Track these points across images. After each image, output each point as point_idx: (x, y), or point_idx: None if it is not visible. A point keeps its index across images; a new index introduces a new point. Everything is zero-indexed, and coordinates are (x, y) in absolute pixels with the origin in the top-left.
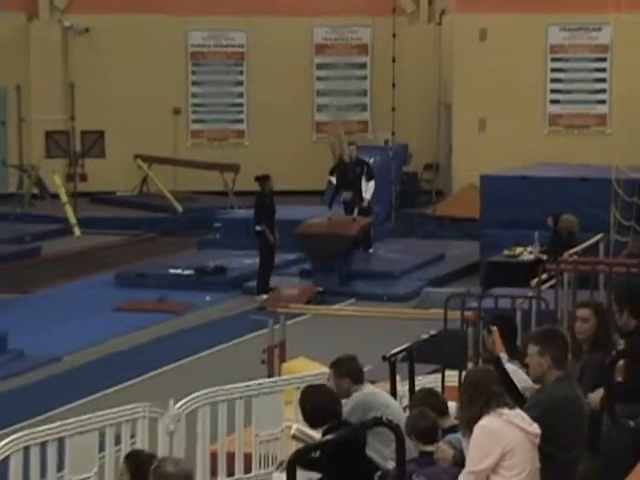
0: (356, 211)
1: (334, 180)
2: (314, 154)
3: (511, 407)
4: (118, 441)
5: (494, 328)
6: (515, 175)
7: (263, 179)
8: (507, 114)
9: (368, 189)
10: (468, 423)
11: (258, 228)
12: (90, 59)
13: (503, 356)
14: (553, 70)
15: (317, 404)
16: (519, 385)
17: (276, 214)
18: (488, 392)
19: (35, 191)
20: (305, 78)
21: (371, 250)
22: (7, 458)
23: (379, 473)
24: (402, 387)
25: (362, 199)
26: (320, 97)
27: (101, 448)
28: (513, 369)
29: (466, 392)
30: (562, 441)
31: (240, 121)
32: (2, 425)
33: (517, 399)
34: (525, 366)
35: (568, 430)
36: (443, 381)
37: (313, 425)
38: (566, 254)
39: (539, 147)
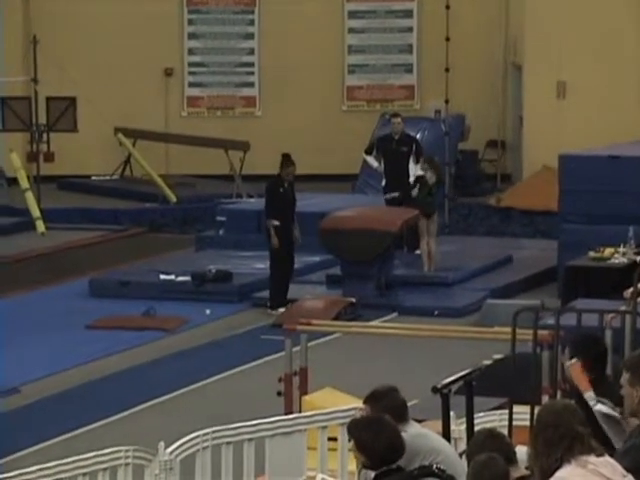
0: (416, 190)
1: (372, 161)
2: (344, 128)
3: (599, 454)
4: None
5: (573, 361)
6: (603, 155)
7: (287, 160)
8: (593, 76)
9: (418, 173)
10: (543, 474)
11: (275, 223)
12: (58, 5)
13: (589, 396)
14: None
15: (390, 438)
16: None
17: (296, 205)
18: (571, 434)
19: None
20: (333, 30)
21: (418, 251)
22: None
23: None
24: (457, 427)
25: (410, 186)
26: (352, 55)
27: None
28: (604, 411)
29: (541, 434)
30: None
31: (250, 85)
32: None
33: (605, 444)
34: (618, 404)
35: None
36: (510, 419)
37: (380, 464)
38: None
39: (634, 119)
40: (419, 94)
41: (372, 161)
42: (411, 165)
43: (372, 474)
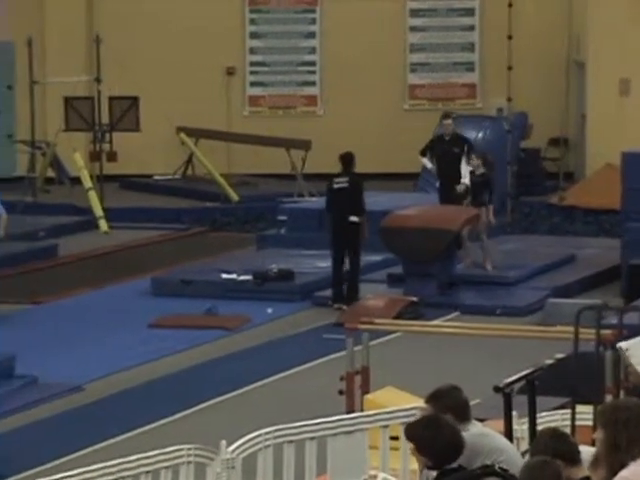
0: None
1: (426, 162)
2: (406, 126)
3: None
4: None
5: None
6: None
7: (351, 159)
8: None
9: (468, 174)
10: (612, 472)
11: (354, 219)
12: (121, 5)
13: None
14: None
15: (449, 436)
16: None
17: None
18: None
19: (51, 174)
20: (395, 29)
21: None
22: None
23: None
24: (520, 426)
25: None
26: (414, 53)
27: None
28: None
29: (607, 431)
30: None
31: (311, 84)
32: (7, 473)
33: None
34: None
35: None
36: (573, 419)
37: (441, 464)
38: None
39: None
40: (481, 92)
41: (426, 162)
42: (463, 165)
43: (433, 474)
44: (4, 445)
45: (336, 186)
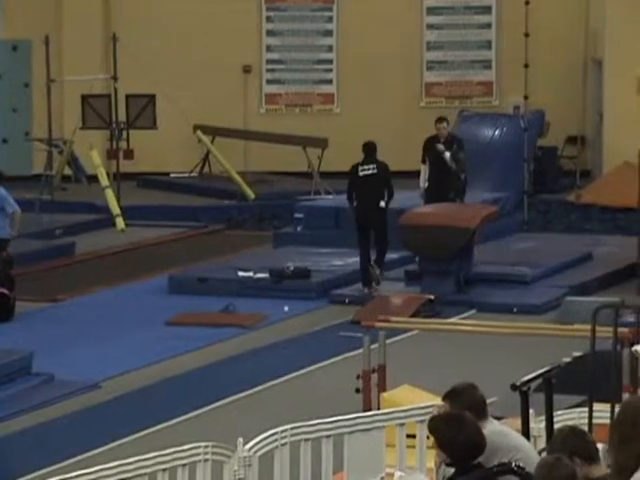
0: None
1: (421, 179)
2: (422, 124)
3: None
4: None
5: None
6: None
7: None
8: None
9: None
10: (620, 472)
11: (383, 204)
12: (138, 3)
13: None
14: None
15: (471, 434)
16: None
17: None
18: None
19: (68, 172)
20: (412, 27)
21: None
22: None
23: None
24: (537, 425)
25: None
26: (431, 51)
27: None
28: None
29: (619, 430)
30: None
31: (328, 82)
32: (24, 470)
33: None
34: None
35: None
36: (590, 417)
37: (461, 461)
38: None
39: None
40: (498, 90)
41: (422, 177)
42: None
43: (451, 470)
44: (21, 443)
45: (362, 173)
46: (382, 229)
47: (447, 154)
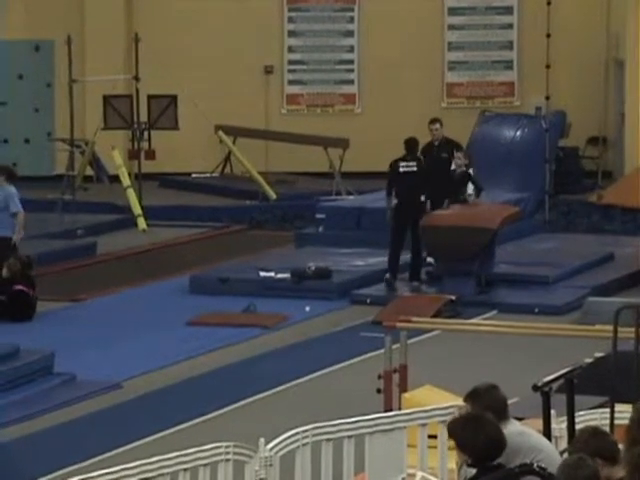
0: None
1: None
2: (444, 125)
3: None
4: None
5: None
6: None
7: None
8: None
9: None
10: (633, 472)
11: (423, 199)
12: (160, 3)
13: None
14: None
15: (491, 434)
16: None
17: None
18: None
19: (90, 172)
20: (433, 27)
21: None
22: None
23: None
24: (558, 425)
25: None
26: (452, 51)
27: None
28: None
29: (630, 431)
30: None
31: (349, 82)
32: (46, 470)
33: None
34: None
35: None
36: (612, 418)
37: (482, 461)
38: None
39: None
40: (519, 91)
41: None
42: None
43: (473, 471)
44: (42, 443)
45: (402, 169)
46: (417, 223)
47: (470, 191)
